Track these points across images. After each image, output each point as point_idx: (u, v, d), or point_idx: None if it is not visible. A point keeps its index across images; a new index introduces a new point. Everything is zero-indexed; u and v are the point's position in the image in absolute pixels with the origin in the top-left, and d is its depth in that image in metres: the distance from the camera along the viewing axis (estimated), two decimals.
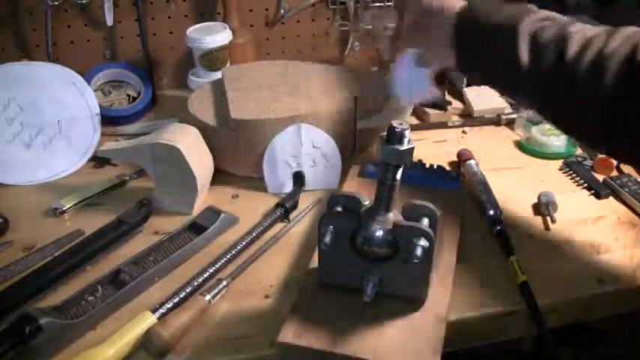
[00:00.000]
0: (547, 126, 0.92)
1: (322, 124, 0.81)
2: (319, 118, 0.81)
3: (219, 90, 0.90)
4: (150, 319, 0.58)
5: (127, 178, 0.85)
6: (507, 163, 0.89)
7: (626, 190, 0.79)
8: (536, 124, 0.93)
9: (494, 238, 0.71)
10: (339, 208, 0.58)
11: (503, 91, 0.90)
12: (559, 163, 0.88)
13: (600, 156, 0.85)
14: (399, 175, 0.55)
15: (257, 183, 0.82)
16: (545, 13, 0.62)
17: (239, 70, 0.95)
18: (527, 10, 0.62)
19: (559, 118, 0.63)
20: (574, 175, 0.85)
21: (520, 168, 0.88)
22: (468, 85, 1.04)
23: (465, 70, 0.73)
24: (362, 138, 0.89)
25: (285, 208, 0.76)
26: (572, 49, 0.56)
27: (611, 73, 0.53)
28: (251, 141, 0.80)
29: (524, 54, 0.59)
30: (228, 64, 1.07)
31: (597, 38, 0.56)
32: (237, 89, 0.87)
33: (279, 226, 0.75)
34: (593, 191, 0.81)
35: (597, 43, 0.55)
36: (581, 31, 0.57)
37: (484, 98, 1.02)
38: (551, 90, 0.59)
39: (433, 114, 1.00)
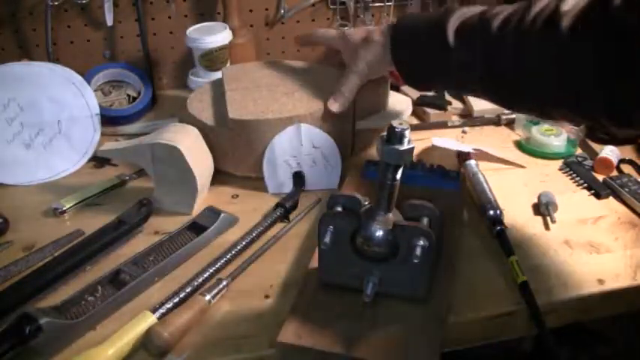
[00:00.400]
0: (547, 126, 0.92)
1: (322, 124, 0.81)
2: (319, 118, 0.81)
3: (218, 90, 0.90)
4: (150, 319, 0.58)
5: (127, 178, 0.85)
6: None
7: (626, 190, 0.79)
8: (536, 124, 0.93)
9: (494, 238, 0.71)
10: (339, 208, 0.58)
11: (447, 89, 0.97)
12: (559, 163, 0.88)
13: (600, 156, 0.86)
14: (399, 175, 0.55)
15: (257, 183, 0.82)
16: (470, 7, 0.69)
17: (239, 70, 0.95)
18: (451, 8, 0.69)
19: (496, 95, 0.68)
20: (574, 175, 0.85)
21: (520, 168, 0.88)
22: None
23: (407, 76, 0.75)
24: (362, 138, 0.89)
25: (285, 208, 0.76)
26: (496, 22, 0.63)
27: (534, 36, 0.59)
28: (251, 141, 0.80)
29: (452, 37, 0.66)
30: (228, 64, 1.07)
31: (518, 10, 0.62)
32: (236, 89, 0.87)
33: (279, 226, 0.75)
34: (593, 191, 0.81)
35: (518, 13, 0.62)
36: (503, 9, 0.64)
37: None
38: (482, 66, 0.65)
39: (433, 114, 1.00)
